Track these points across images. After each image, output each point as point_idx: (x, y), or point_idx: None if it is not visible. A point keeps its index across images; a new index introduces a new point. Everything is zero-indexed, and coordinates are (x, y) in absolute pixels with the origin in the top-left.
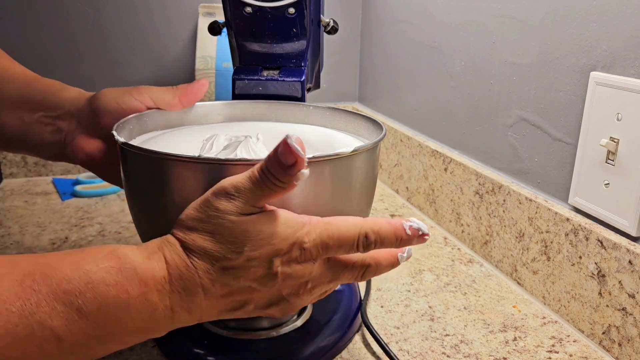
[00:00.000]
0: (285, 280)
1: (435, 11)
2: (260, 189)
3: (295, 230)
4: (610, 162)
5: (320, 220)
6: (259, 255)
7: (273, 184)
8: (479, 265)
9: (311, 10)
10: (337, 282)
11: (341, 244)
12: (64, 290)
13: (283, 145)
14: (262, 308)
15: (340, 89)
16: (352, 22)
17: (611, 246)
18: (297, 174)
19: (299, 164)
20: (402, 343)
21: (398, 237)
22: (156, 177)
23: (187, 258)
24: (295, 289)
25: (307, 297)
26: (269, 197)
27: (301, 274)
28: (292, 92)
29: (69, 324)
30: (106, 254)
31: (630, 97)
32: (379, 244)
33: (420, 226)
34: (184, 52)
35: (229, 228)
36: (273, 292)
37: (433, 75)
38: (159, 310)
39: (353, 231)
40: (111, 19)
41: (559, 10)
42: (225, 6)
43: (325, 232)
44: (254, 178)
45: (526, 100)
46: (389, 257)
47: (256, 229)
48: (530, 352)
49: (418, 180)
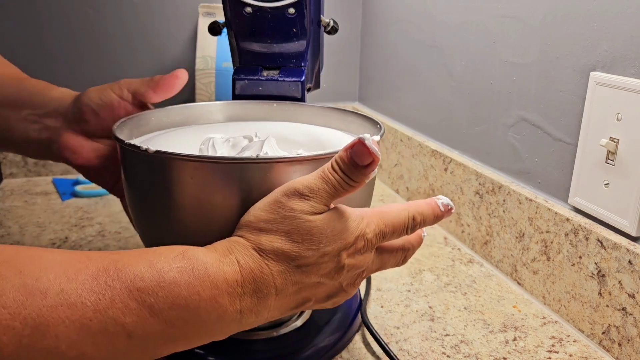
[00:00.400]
0: (349, 271)
1: (435, 11)
2: (334, 189)
3: (359, 223)
4: (610, 162)
5: (374, 210)
6: (332, 250)
7: (347, 184)
8: (479, 266)
9: (311, 10)
10: (384, 269)
11: (395, 229)
12: (137, 288)
13: (360, 146)
14: (321, 302)
15: (340, 89)
16: (352, 22)
17: (611, 246)
18: (371, 173)
19: (375, 163)
20: (402, 343)
21: (435, 214)
22: (172, 179)
23: (262, 260)
24: (353, 279)
25: (358, 287)
26: (341, 196)
27: (362, 263)
28: (292, 92)
29: (140, 321)
30: (177, 255)
31: (630, 97)
32: (423, 223)
33: (448, 202)
34: (184, 52)
35: (306, 227)
36: (335, 284)
37: (433, 75)
38: (228, 313)
39: (403, 216)
40: (111, 19)
41: (559, 10)
42: (225, 6)
43: (382, 221)
44: (326, 178)
45: (526, 100)
46: (418, 238)
47: (330, 226)
48: (530, 352)
49: (418, 181)
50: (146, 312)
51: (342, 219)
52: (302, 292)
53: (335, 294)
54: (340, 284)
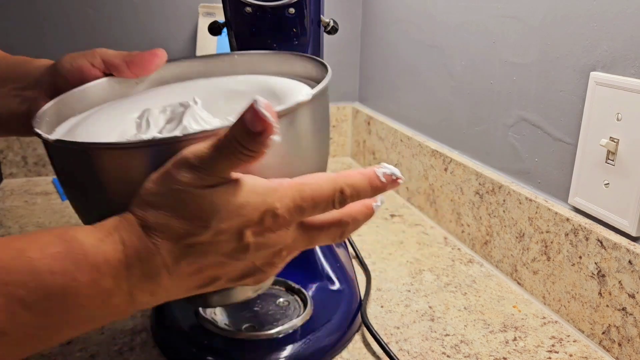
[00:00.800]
0: (259, 250)
1: (435, 11)
2: (227, 159)
3: (266, 197)
4: (610, 162)
5: (292, 182)
6: (228, 228)
7: (241, 152)
8: (479, 266)
9: (311, 10)
10: (315, 245)
11: (316, 204)
12: (3, 282)
13: (250, 112)
14: (235, 280)
15: (340, 89)
16: (352, 22)
17: (611, 246)
18: (267, 140)
19: (268, 130)
20: (402, 343)
21: (373, 186)
22: (94, 172)
23: (148, 238)
24: (269, 259)
25: (282, 264)
26: (236, 167)
27: (275, 242)
28: None
29: (11, 317)
30: (53, 238)
31: (630, 97)
32: (355, 197)
33: (393, 171)
34: (184, 52)
35: (194, 202)
36: (246, 264)
37: (433, 75)
38: (115, 296)
39: (327, 188)
40: (111, 19)
41: (559, 10)
42: (225, 6)
43: (299, 194)
44: (220, 147)
45: (526, 100)
46: (364, 209)
47: (223, 201)
48: (530, 352)
49: (418, 181)
50: (17, 307)
51: (242, 193)
52: (204, 271)
53: (250, 273)
54: (253, 264)
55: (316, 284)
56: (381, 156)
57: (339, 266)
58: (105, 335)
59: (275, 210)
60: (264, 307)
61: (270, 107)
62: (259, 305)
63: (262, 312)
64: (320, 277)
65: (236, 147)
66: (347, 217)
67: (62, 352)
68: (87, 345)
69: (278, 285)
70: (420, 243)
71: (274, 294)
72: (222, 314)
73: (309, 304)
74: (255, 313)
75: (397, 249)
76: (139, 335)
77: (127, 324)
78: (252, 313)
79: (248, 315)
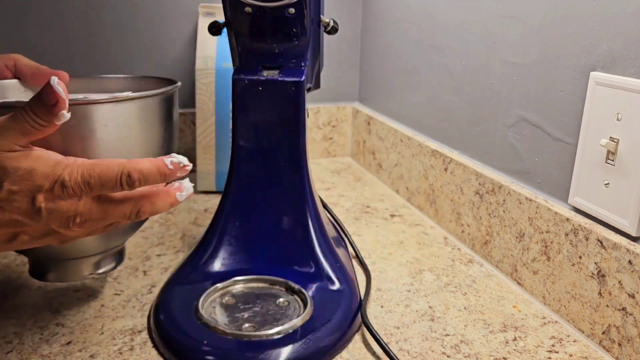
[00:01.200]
0: (51, 214)
1: (435, 11)
2: (22, 127)
3: (54, 169)
4: (610, 162)
5: (86, 160)
6: (20, 189)
7: (34, 121)
8: (479, 266)
9: (311, 10)
10: (110, 219)
11: (103, 182)
12: None
13: (46, 87)
14: (38, 239)
15: (340, 89)
16: (352, 22)
17: (611, 246)
18: (58, 114)
19: (61, 104)
20: (402, 343)
21: (161, 172)
22: None
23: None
24: (64, 222)
25: (80, 230)
26: (31, 135)
27: (66, 209)
28: (292, 92)
29: None
30: None
31: (630, 97)
32: (144, 181)
33: (180, 159)
34: (184, 52)
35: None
36: (42, 225)
37: (433, 75)
38: None
39: (114, 170)
40: (111, 19)
41: (559, 10)
42: (225, 6)
43: (87, 171)
44: (18, 117)
45: (526, 100)
46: (166, 196)
47: (14, 165)
48: (530, 352)
49: (418, 181)
50: None
51: (30, 161)
52: (4, 227)
53: (49, 233)
54: (49, 226)
55: (316, 284)
56: (381, 156)
57: (339, 266)
58: (105, 335)
59: (64, 181)
60: (264, 307)
61: (64, 86)
62: (259, 305)
63: (262, 312)
64: (320, 277)
65: (30, 116)
66: (145, 200)
67: (62, 352)
68: (86, 345)
69: (278, 285)
70: (420, 243)
71: (274, 294)
72: (222, 314)
73: (309, 304)
74: (255, 313)
75: (397, 249)
76: (139, 335)
77: (127, 324)
78: (252, 313)
79: (248, 315)
